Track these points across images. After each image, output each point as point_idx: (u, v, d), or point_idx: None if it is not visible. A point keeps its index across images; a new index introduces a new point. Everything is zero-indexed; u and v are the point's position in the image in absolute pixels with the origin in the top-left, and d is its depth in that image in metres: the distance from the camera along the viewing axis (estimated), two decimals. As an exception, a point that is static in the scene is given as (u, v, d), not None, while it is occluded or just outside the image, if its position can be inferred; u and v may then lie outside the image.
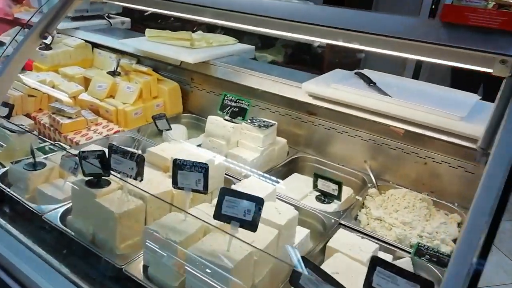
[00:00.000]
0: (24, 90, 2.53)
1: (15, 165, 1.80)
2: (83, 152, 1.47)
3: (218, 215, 1.21)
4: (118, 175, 1.42)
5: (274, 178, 1.89)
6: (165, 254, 1.27)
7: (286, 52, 3.94)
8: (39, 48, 2.90)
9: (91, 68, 3.10)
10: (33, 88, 2.57)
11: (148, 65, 2.81)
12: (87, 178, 1.52)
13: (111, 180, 1.55)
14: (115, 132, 2.37)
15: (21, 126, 2.18)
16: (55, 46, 2.94)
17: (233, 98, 2.12)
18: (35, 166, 1.77)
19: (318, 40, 1.46)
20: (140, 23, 3.69)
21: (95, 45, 3.09)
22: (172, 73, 2.77)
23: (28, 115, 2.54)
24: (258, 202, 1.17)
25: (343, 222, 1.71)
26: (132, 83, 2.58)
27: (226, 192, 1.21)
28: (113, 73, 2.67)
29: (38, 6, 3.17)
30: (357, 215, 1.85)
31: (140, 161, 1.35)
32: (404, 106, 1.83)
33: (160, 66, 2.80)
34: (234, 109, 2.11)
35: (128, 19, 3.48)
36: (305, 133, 2.31)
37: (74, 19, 3.17)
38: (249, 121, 2.10)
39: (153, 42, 2.69)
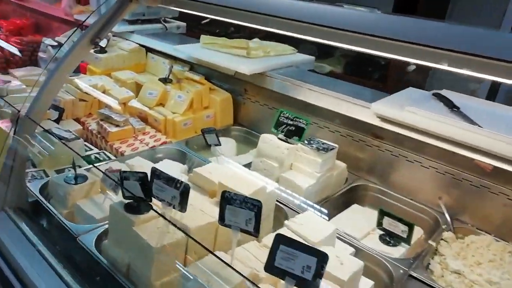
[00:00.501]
0: (76, 94, 2.48)
1: (55, 177, 1.70)
2: (124, 172, 1.32)
3: (270, 267, 1.00)
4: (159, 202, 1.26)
5: (326, 211, 1.66)
6: (205, 304, 1.08)
7: (345, 62, 3.67)
8: (94, 51, 2.86)
9: (143, 73, 3.03)
10: (84, 92, 2.51)
11: (201, 73, 2.68)
12: (126, 201, 1.37)
13: (152, 205, 1.39)
14: (162, 144, 2.25)
15: (69, 132, 2.11)
16: (110, 49, 2.90)
17: (290, 116, 1.91)
18: (76, 179, 1.67)
19: (388, 57, 1.18)
20: (195, 27, 3.59)
21: (149, 50, 3.02)
22: (225, 82, 2.61)
23: (77, 120, 2.48)
24: (322, 258, 0.95)
25: (414, 274, 1.43)
26: (184, 92, 2.45)
27: (282, 240, 1.00)
28: (165, 80, 2.55)
29: (91, 5, 3.15)
30: (429, 264, 1.57)
31: (184, 192, 1.17)
32: (496, 139, 1.53)
33: (213, 74, 2.65)
34: (290, 128, 1.90)
35: (183, 24, 3.39)
36: (368, 158, 2.04)
37: (131, 22, 3.11)
38: (306, 142, 1.88)
39: (207, 50, 2.55)
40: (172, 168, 2.05)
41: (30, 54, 3.27)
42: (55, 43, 3.10)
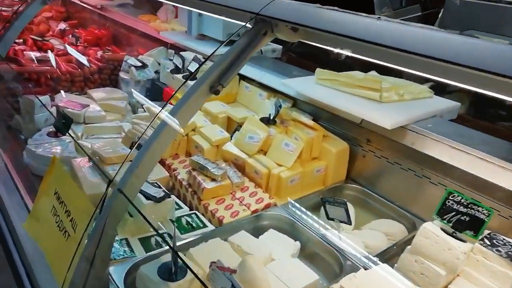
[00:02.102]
0: (163, 131, 2.08)
1: (145, 268, 1.28)
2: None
3: None
4: None
5: None
6: None
7: (469, 101, 3.03)
8: (183, 77, 2.48)
9: (234, 103, 2.61)
10: (172, 129, 2.12)
11: (307, 111, 2.20)
12: None
13: None
14: (266, 207, 1.78)
15: (156, 186, 1.70)
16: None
17: (463, 200, 1.36)
18: (175, 274, 1.23)
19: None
20: (291, 50, 3.13)
21: (242, 77, 2.59)
22: (339, 126, 2.10)
23: (162, 162, 2.09)
24: None
25: None
26: (291, 138, 1.97)
27: None
28: (268, 121, 2.09)
29: (188, 27, 2.78)
30: None
31: None
32: None
33: (322, 114, 2.16)
34: (462, 218, 1.35)
35: (279, 47, 2.93)
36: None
37: (225, 44, 2.70)
38: (486, 241, 1.32)
39: (324, 87, 2.06)
40: (281, 245, 1.58)
41: (110, 72, 2.97)
42: (139, 64, 2.76)
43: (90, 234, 1.20)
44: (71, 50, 3.30)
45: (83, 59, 2.84)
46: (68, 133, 1.96)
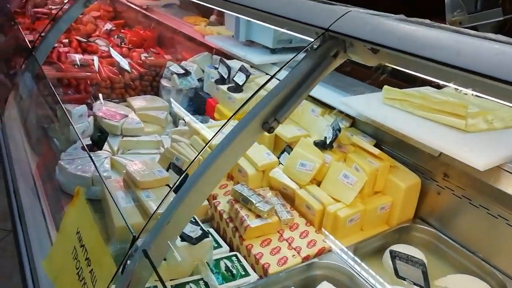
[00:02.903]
0: (206, 153, 1.85)
1: None
2: None
3: None
4: None
5: None
6: None
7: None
8: (228, 89, 2.24)
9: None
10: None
11: (367, 133, 1.90)
12: None
13: None
14: (319, 252, 1.50)
15: (194, 223, 1.47)
16: (247, 87, 2.25)
17: None
18: None
19: None
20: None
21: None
22: (407, 153, 1.78)
23: (201, 186, 1.86)
24: None
25: None
26: (351, 168, 1.68)
27: None
28: (323, 145, 1.81)
29: (235, 32, 2.54)
30: None
31: None
32: None
33: (385, 137, 1.85)
34: None
35: (335, 54, 2.62)
36: None
37: (273, 51, 2.44)
38: None
39: (394, 109, 1.74)
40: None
41: (152, 79, 2.80)
42: (182, 71, 2.56)
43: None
44: (114, 53, 3.17)
45: (125, 64, 2.69)
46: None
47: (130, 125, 2.26)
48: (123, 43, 3.67)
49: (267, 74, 2.39)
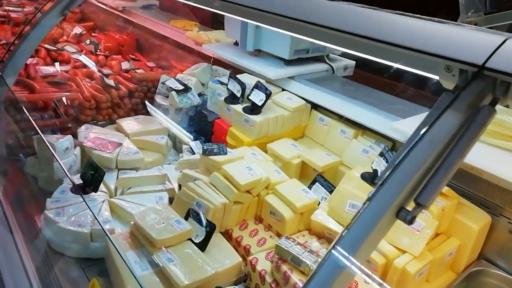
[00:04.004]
0: (232, 194, 1.52)
1: None
2: None
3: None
4: None
5: None
6: None
7: None
8: (243, 109, 1.91)
9: (303, 138, 2.05)
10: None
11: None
12: None
13: None
14: (394, 322, 1.22)
15: None
16: (265, 107, 1.93)
17: None
18: None
19: None
20: (367, 66, 2.54)
21: (314, 105, 2.02)
22: (469, 184, 1.53)
23: (227, 233, 1.54)
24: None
25: None
26: (413, 209, 1.41)
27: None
28: (373, 180, 1.52)
29: (241, 40, 2.20)
30: None
31: None
32: None
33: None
34: None
35: (352, 63, 2.35)
36: None
37: (289, 62, 2.13)
38: None
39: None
40: None
41: (143, 95, 2.41)
42: (181, 86, 2.20)
43: None
44: (89, 62, 2.76)
45: (110, 81, 2.29)
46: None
47: (127, 156, 1.88)
48: (97, 50, 3.25)
49: (284, 89, 2.08)
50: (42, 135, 1.75)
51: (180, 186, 1.74)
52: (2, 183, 1.89)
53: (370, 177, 1.53)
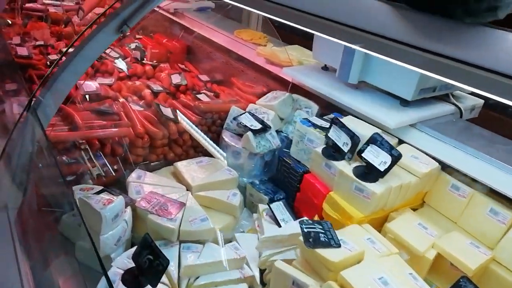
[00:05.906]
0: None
1: None
2: None
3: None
4: None
5: None
6: None
7: None
8: (354, 172, 1.39)
9: (423, 208, 1.51)
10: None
11: None
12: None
13: None
14: None
15: None
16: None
17: None
18: None
19: None
20: (490, 107, 1.96)
21: (443, 164, 1.47)
22: None
23: None
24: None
25: None
26: None
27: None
28: None
29: (341, 68, 1.66)
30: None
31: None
32: None
33: None
34: None
35: (480, 102, 1.79)
36: None
37: (407, 103, 1.58)
38: None
39: None
40: None
41: (207, 129, 1.91)
42: (258, 125, 1.69)
43: None
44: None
45: (167, 111, 1.80)
46: None
47: (193, 226, 1.40)
48: (144, 58, 2.81)
49: (405, 142, 1.54)
50: (84, 198, 1.30)
51: (261, 274, 1.25)
52: (27, 247, 1.44)
53: None
